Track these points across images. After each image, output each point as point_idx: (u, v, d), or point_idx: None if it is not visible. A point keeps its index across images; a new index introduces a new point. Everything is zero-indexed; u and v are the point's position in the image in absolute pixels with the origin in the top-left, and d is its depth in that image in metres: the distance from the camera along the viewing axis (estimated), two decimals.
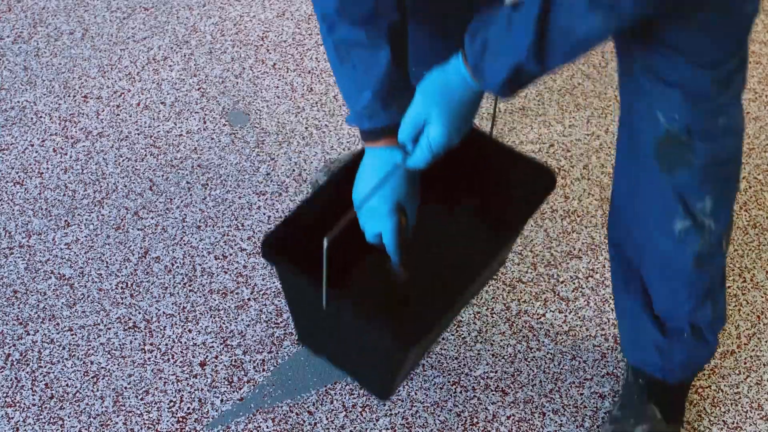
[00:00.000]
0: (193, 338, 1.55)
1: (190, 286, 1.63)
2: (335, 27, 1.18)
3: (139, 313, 1.58)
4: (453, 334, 1.57)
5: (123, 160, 1.87)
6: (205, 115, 1.98)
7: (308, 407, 1.45)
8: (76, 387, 1.48)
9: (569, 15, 0.96)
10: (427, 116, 1.13)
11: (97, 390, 1.47)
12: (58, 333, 1.55)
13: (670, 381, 1.40)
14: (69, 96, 2.01)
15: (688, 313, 1.30)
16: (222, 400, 1.46)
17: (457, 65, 1.10)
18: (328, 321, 1.22)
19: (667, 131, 1.13)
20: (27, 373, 1.49)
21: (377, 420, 1.45)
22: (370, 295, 1.38)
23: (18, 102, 2.00)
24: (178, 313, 1.59)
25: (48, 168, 1.85)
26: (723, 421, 1.48)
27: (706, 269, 1.26)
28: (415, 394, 1.49)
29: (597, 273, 1.69)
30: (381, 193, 1.23)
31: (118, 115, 1.98)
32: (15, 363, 1.51)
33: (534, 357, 1.55)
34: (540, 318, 1.61)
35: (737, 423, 1.47)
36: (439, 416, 1.47)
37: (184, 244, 1.70)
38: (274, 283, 1.63)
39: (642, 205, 1.24)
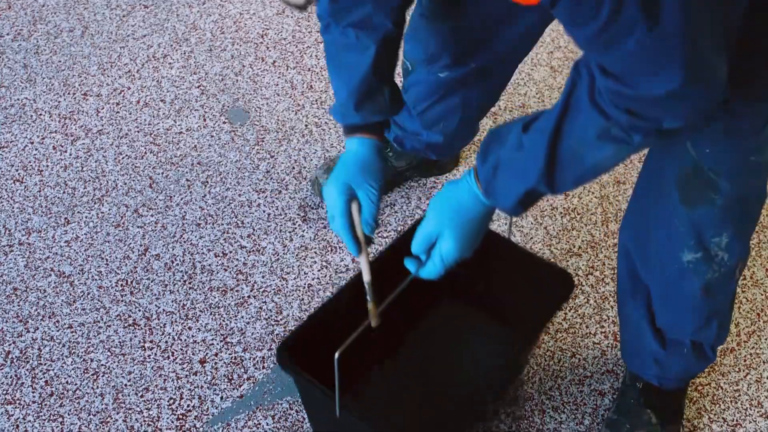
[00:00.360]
0: (192, 336, 1.55)
1: (189, 283, 1.63)
2: (329, 28, 1.23)
3: (139, 310, 1.58)
4: None
5: (123, 158, 1.87)
6: (205, 112, 1.98)
7: None
8: (75, 384, 1.48)
9: (580, 144, 0.96)
10: (439, 231, 1.14)
11: (97, 387, 1.47)
12: (58, 330, 1.55)
13: (667, 388, 1.40)
14: (69, 93, 2.01)
15: (692, 332, 1.29)
16: (222, 398, 1.46)
17: (469, 183, 1.11)
18: (342, 426, 1.24)
19: (694, 164, 1.11)
20: (27, 370, 1.49)
21: None
22: (385, 400, 1.36)
23: (18, 99, 2.00)
24: (178, 311, 1.58)
25: (48, 165, 1.85)
26: (723, 418, 1.48)
27: (716, 297, 1.25)
28: None
29: (597, 270, 1.69)
30: (333, 175, 1.24)
31: (118, 112, 1.97)
32: (15, 360, 1.51)
33: (533, 354, 1.55)
34: None
35: (737, 420, 1.47)
36: None
37: (184, 242, 1.70)
38: (273, 280, 1.63)
39: (655, 227, 1.22)
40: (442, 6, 1.41)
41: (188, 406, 1.45)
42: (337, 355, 1.11)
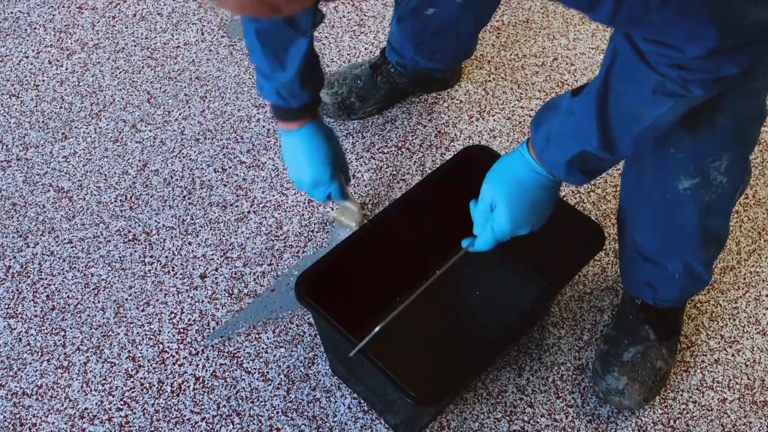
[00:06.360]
0: (193, 251, 1.55)
1: (189, 198, 1.62)
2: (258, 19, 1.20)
3: (139, 225, 1.58)
4: None
5: (120, 72, 1.84)
6: (203, 26, 1.94)
7: (308, 318, 1.46)
8: (77, 299, 1.48)
9: (635, 102, 0.94)
10: (493, 201, 1.13)
11: (98, 302, 1.48)
12: (57, 245, 1.55)
13: (663, 307, 1.40)
14: (63, 6, 1.97)
15: (685, 256, 1.28)
16: (222, 312, 1.47)
17: (522, 153, 1.10)
18: (355, 364, 1.24)
19: None
20: (28, 285, 1.50)
21: None
22: (401, 341, 1.34)
23: (11, 13, 1.96)
24: (178, 226, 1.58)
25: (44, 80, 1.82)
26: (720, 335, 1.48)
27: (712, 220, 1.23)
28: None
29: (599, 188, 1.67)
30: (318, 165, 1.35)
31: (114, 26, 1.94)
32: (16, 275, 1.51)
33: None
34: None
35: (734, 337, 1.48)
36: None
37: (183, 157, 1.68)
38: (273, 195, 1.62)
39: (651, 157, 1.19)
40: None
41: (189, 320, 1.46)
42: (352, 353, 1.13)
